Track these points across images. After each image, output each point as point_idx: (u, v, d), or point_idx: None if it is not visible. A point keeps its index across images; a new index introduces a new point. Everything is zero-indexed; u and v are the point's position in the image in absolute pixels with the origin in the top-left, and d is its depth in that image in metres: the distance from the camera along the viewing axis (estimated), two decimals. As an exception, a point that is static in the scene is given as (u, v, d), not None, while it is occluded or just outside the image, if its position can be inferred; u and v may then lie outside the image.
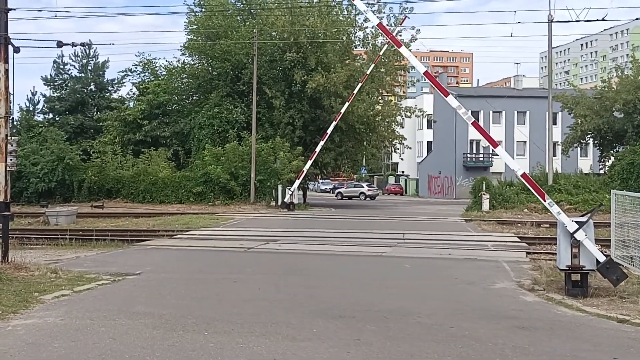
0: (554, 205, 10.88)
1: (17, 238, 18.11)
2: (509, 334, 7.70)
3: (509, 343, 7.23)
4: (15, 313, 8.16)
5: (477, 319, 8.52)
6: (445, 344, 7.15)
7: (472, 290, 10.96)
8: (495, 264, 14.21)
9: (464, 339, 7.36)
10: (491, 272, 13.00)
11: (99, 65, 61.51)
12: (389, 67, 46.28)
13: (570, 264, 10.05)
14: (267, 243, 18.86)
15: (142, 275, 11.94)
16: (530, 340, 7.40)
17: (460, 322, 8.23)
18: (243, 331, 7.47)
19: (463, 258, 15.53)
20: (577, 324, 8.37)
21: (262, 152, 41.11)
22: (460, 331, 7.71)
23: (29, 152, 42.83)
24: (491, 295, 10.50)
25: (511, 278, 12.14)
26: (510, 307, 9.40)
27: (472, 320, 8.41)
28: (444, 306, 9.42)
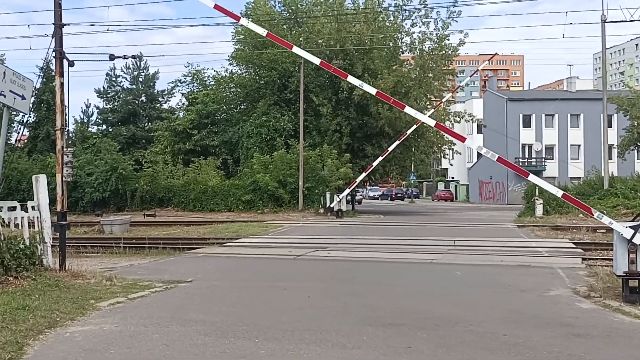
0: (604, 217, 10.65)
1: (73, 246, 18.56)
2: (564, 341, 7.53)
3: (565, 351, 7.07)
4: (72, 320, 8.35)
5: (531, 326, 8.35)
6: (498, 352, 7.04)
7: (526, 297, 10.76)
8: (550, 271, 13.92)
9: (517, 347, 7.24)
10: (545, 278, 12.74)
11: (150, 77, 62.80)
12: (437, 71, 45.94)
13: (628, 270, 9.80)
14: (316, 250, 18.89)
15: (194, 282, 12.10)
16: (587, 348, 7.23)
17: (514, 329, 8.09)
18: (293, 338, 7.50)
19: (516, 265, 15.24)
20: (635, 332, 8.15)
21: (310, 159, 41.23)
22: (513, 339, 7.58)
23: (84, 163, 43.79)
24: (545, 302, 10.28)
25: (566, 285, 11.88)
26: (565, 315, 9.19)
27: (525, 328, 8.25)
28: (497, 314, 9.27)
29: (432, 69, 45.49)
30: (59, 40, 13.63)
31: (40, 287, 10.32)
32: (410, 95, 43.55)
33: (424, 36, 45.25)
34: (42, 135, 50.43)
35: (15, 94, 9.04)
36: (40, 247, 11.77)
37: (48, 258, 12.06)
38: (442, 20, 44.51)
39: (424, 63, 45.14)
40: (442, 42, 44.89)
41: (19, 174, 42.22)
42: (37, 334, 7.47)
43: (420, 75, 45.03)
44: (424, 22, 44.92)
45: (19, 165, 43.63)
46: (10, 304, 8.73)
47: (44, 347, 7.05)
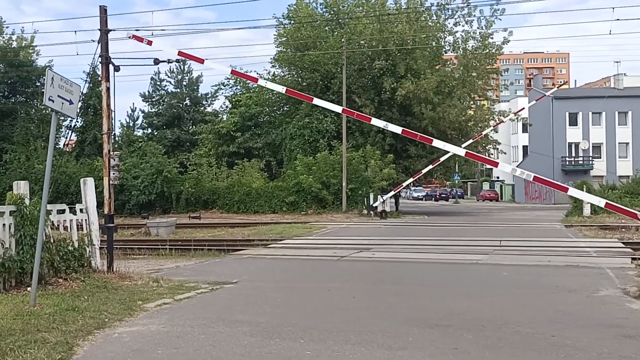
0: None
1: (120, 248, 18.81)
2: (614, 343, 7.34)
3: (615, 352, 6.90)
4: (120, 320, 8.46)
5: (579, 327, 8.18)
6: (546, 353, 6.91)
7: (574, 298, 10.54)
8: (599, 271, 13.63)
9: (566, 348, 7.09)
10: (594, 279, 12.47)
11: (193, 81, 63.63)
12: (480, 70, 45.47)
13: (679, 270, 9.59)
14: (360, 251, 18.84)
15: (239, 284, 12.16)
16: (638, 350, 7.05)
17: (562, 330, 7.93)
18: (338, 339, 7.47)
19: (563, 265, 14.97)
20: (686, 333, 7.93)
21: (353, 160, 41.20)
22: (562, 340, 7.43)
23: (130, 166, 44.45)
24: (594, 303, 10.05)
25: (616, 285, 11.61)
26: (615, 315, 8.97)
27: (574, 328, 8.08)
28: (544, 315, 9.08)
29: (475, 68, 45.07)
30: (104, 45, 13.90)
31: (89, 288, 10.49)
32: (454, 95, 43.24)
33: (467, 35, 44.89)
34: (90, 140, 51.38)
35: (63, 99, 9.17)
36: (88, 249, 11.96)
37: (96, 260, 12.26)
38: (486, 18, 44.17)
39: (468, 62, 44.76)
40: (485, 41, 44.46)
41: (67, 177, 43.06)
42: (86, 334, 7.57)
43: (464, 75, 44.65)
44: (467, 20, 44.58)
45: (67, 169, 44.47)
46: (60, 305, 8.88)
47: (93, 347, 7.14)
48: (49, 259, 10.62)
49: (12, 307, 8.67)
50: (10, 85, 56.34)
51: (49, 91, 8.83)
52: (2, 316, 8.13)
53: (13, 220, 10.30)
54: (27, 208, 10.43)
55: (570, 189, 11.71)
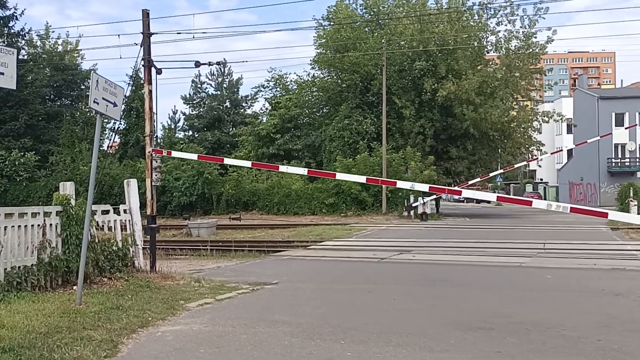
0: None
1: (163, 249, 19.09)
2: (662, 347, 7.18)
3: (663, 357, 6.75)
4: (163, 320, 8.54)
5: (627, 331, 7.99)
6: (592, 357, 6.78)
7: (621, 302, 10.32)
8: (645, 274, 13.37)
9: (613, 352, 6.95)
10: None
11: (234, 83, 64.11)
12: (523, 70, 44.89)
13: None
14: (400, 253, 18.75)
15: (279, 284, 12.19)
16: (686, 355, 6.88)
17: (609, 335, 7.77)
18: (379, 341, 7.44)
19: (609, 268, 14.70)
20: None
21: (393, 162, 41.03)
22: (608, 344, 7.28)
23: (171, 168, 44.93)
24: (642, 306, 9.86)
25: (663, 289, 11.39)
26: (662, 320, 8.77)
27: (621, 333, 7.91)
28: (590, 318, 8.92)
29: (518, 68, 44.54)
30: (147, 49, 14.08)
31: (133, 287, 10.64)
32: (496, 96, 42.78)
33: (509, 34, 44.39)
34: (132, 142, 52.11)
35: (108, 102, 9.30)
36: (132, 249, 12.13)
37: (139, 260, 12.42)
38: (529, 17, 43.68)
39: (510, 62, 44.25)
40: (528, 40, 43.91)
41: (111, 179, 43.76)
42: (130, 332, 7.67)
43: (507, 75, 44.14)
44: (510, 20, 44.09)
45: (111, 171, 45.20)
46: (105, 304, 9.02)
47: (137, 345, 7.23)
48: (94, 259, 10.81)
49: (58, 305, 8.83)
50: (56, 88, 57.63)
51: (93, 94, 8.96)
52: (49, 314, 8.29)
53: (59, 220, 10.52)
54: (72, 209, 10.64)
55: (610, 212, 11.40)
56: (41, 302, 9.09)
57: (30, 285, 9.86)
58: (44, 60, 56.34)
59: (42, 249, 10.16)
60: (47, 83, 55.72)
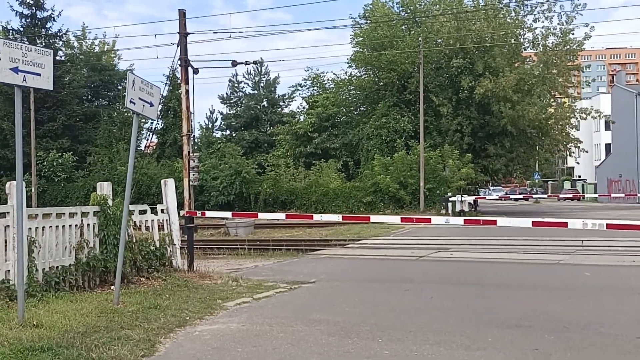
0: None
1: (200, 248, 19.18)
2: (702, 345, 7.06)
3: (703, 354, 6.63)
4: (201, 319, 8.59)
5: (666, 330, 7.88)
6: (631, 355, 6.69)
7: (661, 299, 10.20)
8: (687, 272, 13.13)
9: (652, 350, 6.85)
10: (682, 280, 12.02)
11: (271, 82, 64.33)
12: (561, 67, 44.32)
13: None
14: (438, 251, 18.65)
15: (317, 283, 12.19)
16: None
17: (647, 333, 7.67)
18: (417, 339, 7.41)
19: (649, 265, 14.50)
20: None
21: (431, 160, 40.81)
22: (647, 342, 7.19)
23: (209, 167, 45.23)
24: (681, 304, 9.71)
25: None
26: (703, 318, 8.63)
27: (661, 331, 7.80)
28: (628, 316, 8.81)
29: (556, 64, 44.00)
30: (183, 48, 14.20)
31: (170, 287, 10.71)
32: (534, 93, 42.31)
33: (547, 31, 43.83)
34: (170, 141, 52.61)
35: (144, 102, 9.38)
36: (169, 248, 12.23)
37: (177, 259, 12.51)
38: (566, 14, 43.12)
39: (548, 59, 43.70)
40: (566, 37, 43.34)
41: (148, 179, 44.20)
42: (168, 332, 7.72)
43: (544, 72, 43.59)
44: (547, 16, 43.56)
45: (149, 171, 45.65)
46: (142, 303, 9.10)
47: (174, 345, 7.27)
48: (131, 258, 10.93)
49: (96, 305, 8.94)
50: (93, 89, 58.38)
51: (130, 94, 9.05)
52: (87, 313, 8.39)
53: (97, 220, 10.64)
54: (110, 209, 10.76)
55: None
56: (79, 301, 9.20)
57: (68, 285, 9.97)
58: (81, 61, 57.10)
59: (79, 249, 10.29)
60: (84, 84, 56.40)
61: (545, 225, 12.49)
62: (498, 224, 13.52)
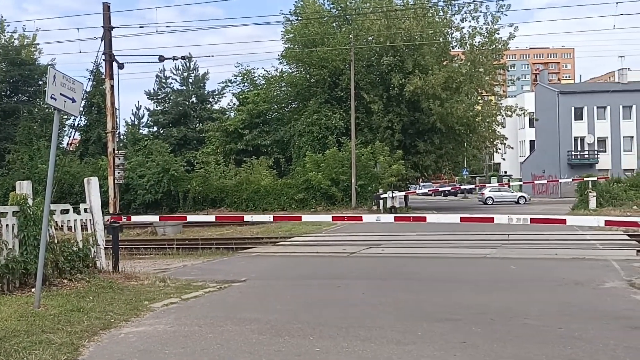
0: None
1: (126, 248, 18.75)
2: (621, 334, 7.33)
3: (621, 344, 6.85)
4: (126, 321, 8.36)
5: (586, 319, 8.18)
6: (554, 345, 6.86)
7: (581, 290, 10.55)
8: (604, 263, 13.67)
9: (573, 340, 7.06)
10: (600, 271, 12.49)
11: (200, 78, 63.46)
12: (487, 66, 45.41)
13: (683, 261, 9.48)
14: (369, 247, 18.77)
15: (248, 282, 12.06)
16: (644, 341, 7.01)
17: (569, 323, 7.91)
18: (348, 335, 7.39)
19: (570, 258, 14.98)
20: (692, 324, 7.89)
21: (362, 157, 41.09)
22: (569, 332, 7.40)
23: (135, 165, 44.29)
24: (601, 295, 10.06)
25: (621, 277, 11.60)
26: (621, 307, 8.97)
27: (581, 321, 8.08)
28: (552, 307, 9.10)
29: (482, 63, 45.06)
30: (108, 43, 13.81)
31: (94, 289, 10.36)
32: (462, 91, 43.16)
33: (473, 31, 44.84)
34: (94, 139, 51.34)
35: (66, 97, 9.05)
36: (93, 249, 11.84)
37: (101, 260, 12.14)
38: (492, 14, 44.33)
39: (475, 58, 44.71)
40: (492, 37, 44.46)
41: (71, 177, 42.96)
42: (91, 335, 7.49)
43: (471, 70, 44.56)
44: (474, 16, 44.61)
45: (71, 169, 44.37)
46: (65, 306, 8.77)
47: (98, 348, 7.06)
48: (53, 260, 10.52)
49: (16, 309, 8.56)
50: (12, 84, 56.13)
51: (51, 89, 8.72)
52: (6, 317, 8.04)
53: (16, 220, 10.18)
54: (30, 208, 10.32)
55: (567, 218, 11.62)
56: (-3, 305, 8.82)
57: (-15, 289, 9.54)
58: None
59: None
60: (2, 79, 54.27)
61: (473, 220, 12.78)
62: (428, 221, 13.67)
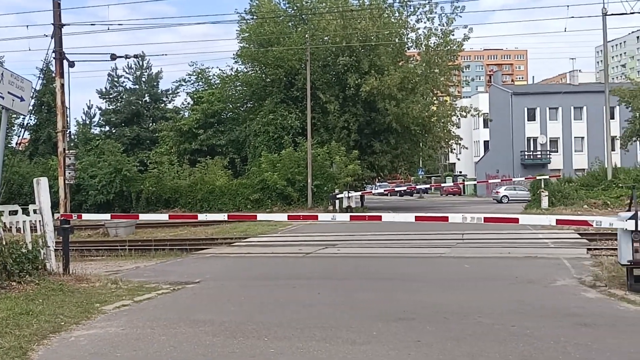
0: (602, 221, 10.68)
1: (77, 250, 18.41)
2: (572, 331, 7.48)
3: (572, 340, 6.99)
4: (77, 324, 8.21)
5: (538, 317, 8.32)
6: (506, 343, 6.97)
7: (533, 288, 10.71)
8: (556, 262, 13.88)
9: (525, 337, 7.17)
10: (552, 269, 12.71)
11: (153, 77, 62.51)
12: (442, 67, 45.85)
13: (632, 259, 9.66)
14: (325, 247, 18.77)
15: (202, 283, 11.95)
16: (593, 337, 7.16)
17: (522, 320, 8.04)
18: (303, 336, 7.37)
19: (523, 256, 15.20)
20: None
21: (318, 157, 41.09)
22: (521, 330, 7.52)
23: (87, 165, 43.60)
24: (552, 292, 10.24)
25: (572, 275, 11.83)
26: (571, 305, 9.15)
27: (533, 318, 8.21)
28: (505, 305, 9.24)
29: (438, 64, 45.47)
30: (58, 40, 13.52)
31: (44, 291, 10.15)
32: (417, 91, 43.46)
33: (429, 32, 45.19)
34: (44, 138, 50.35)
35: (14, 96, 8.86)
36: (43, 251, 11.59)
37: (51, 262, 11.88)
38: (447, 15, 44.63)
39: (430, 59, 45.09)
40: (447, 38, 44.84)
41: (20, 177, 42.14)
42: (41, 338, 7.35)
43: (427, 71, 44.91)
44: (429, 17, 44.94)
45: (20, 169, 43.55)
46: (13, 309, 8.59)
47: (48, 351, 6.93)
48: (1, 262, 10.28)
49: (-39, 313, 8.34)
50: (-44, 82, 54.68)
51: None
52: (-50, 322, 7.81)
53: (-38, 222, 9.94)
54: (-23, 210, 10.07)
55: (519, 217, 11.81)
56: (-59, 309, 8.57)
57: None
58: (-58, 52, 53.62)
59: (-59, 254, 9.58)
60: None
61: (428, 220, 12.89)
62: (383, 220, 13.71)
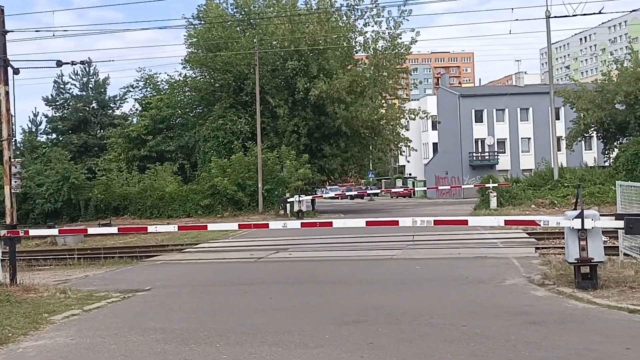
0: (550, 221, 11.03)
1: (24, 260, 18.08)
2: (521, 329, 7.65)
3: (521, 339, 7.17)
4: (25, 335, 8.08)
5: (488, 316, 8.49)
6: (457, 343, 7.10)
7: (483, 288, 10.92)
8: (505, 261, 14.13)
9: (476, 337, 7.31)
10: (501, 269, 12.94)
11: (100, 83, 61.33)
12: (390, 70, 46.18)
13: (579, 257, 9.94)
14: (277, 252, 18.78)
15: (152, 290, 11.86)
16: (542, 335, 7.35)
17: (472, 320, 8.19)
18: (255, 341, 7.39)
19: (473, 257, 15.46)
20: (588, 317, 8.32)
21: (269, 161, 40.98)
22: (472, 329, 7.67)
23: (33, 174, 42.60)
24: (502, 292, 10.47)
25: (521, 274, 12.09)
26: (521, 303, 9.35)
27: (483, 318, 8.38)
28: (456, 305, 9.38)
29: (386, 67, 45.73)
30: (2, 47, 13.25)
31: (-10, 302, 9.98)
32: (366, 94, 43.71)
33: (376, 35, 45.48)
34: (-12, 147, 48.89)
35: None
36: (-12, 261, 11.38)
37: (-2, 273, 11.67)
38: (394, 19, 44.86)
39: (378, 62, 45.39)
40: (394, 41, 45.20)
41: (-37, 187, 40.96)
42: (-13, 351, 7.21)
43: (375, 74, 45.20)
44: (376, 21, 45.22)
45: (-36, 179, 42.32)
46: (-42, 321, 8.41)
47: (-5, 364, 6.81)
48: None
49: None
50: None
51: (-61, 95, 8.32)
52: None
53: None
54: None
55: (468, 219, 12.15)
56: None
57: None
58: None
59: None
60: None
61: (378, 224, 13.03)
62: (334, 226, 13.79)
